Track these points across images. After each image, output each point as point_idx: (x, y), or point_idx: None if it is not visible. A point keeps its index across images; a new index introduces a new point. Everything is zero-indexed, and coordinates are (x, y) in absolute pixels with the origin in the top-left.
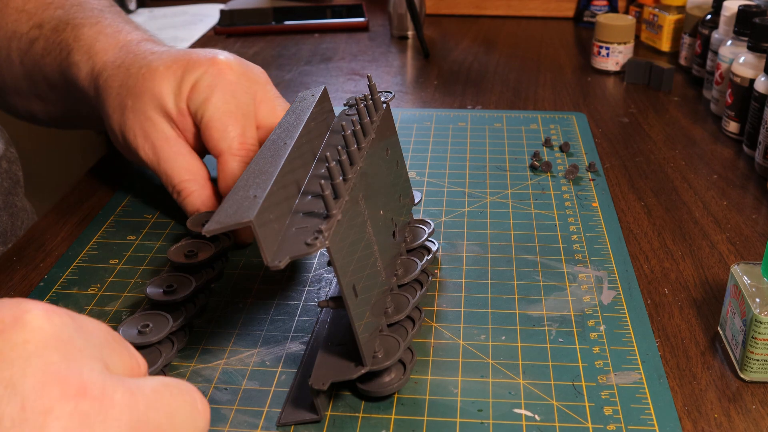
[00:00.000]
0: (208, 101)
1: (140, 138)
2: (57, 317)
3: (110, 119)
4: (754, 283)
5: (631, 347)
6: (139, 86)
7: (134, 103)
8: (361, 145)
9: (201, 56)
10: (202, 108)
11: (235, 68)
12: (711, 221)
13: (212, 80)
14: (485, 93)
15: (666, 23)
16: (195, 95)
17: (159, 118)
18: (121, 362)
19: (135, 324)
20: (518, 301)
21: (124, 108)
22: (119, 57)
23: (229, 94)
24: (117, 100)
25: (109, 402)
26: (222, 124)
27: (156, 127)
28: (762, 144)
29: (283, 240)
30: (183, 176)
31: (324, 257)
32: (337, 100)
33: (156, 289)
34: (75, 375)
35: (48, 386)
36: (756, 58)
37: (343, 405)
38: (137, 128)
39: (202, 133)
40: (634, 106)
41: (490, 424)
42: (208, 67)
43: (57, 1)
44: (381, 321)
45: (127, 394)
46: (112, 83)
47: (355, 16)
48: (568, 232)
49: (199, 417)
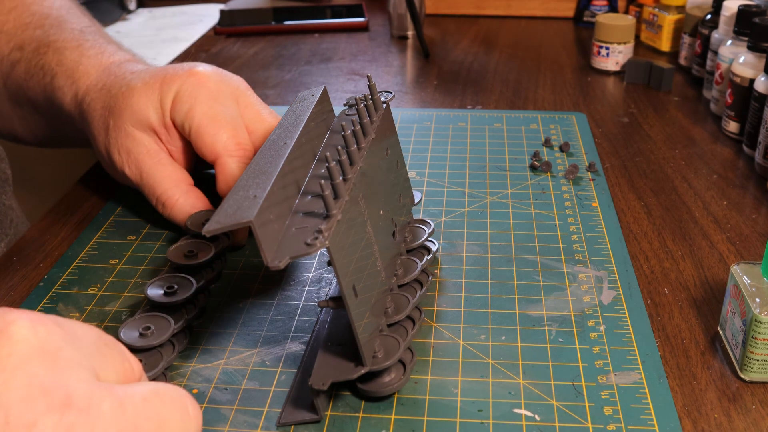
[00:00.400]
0: (193, 110)
1: (123, 155)
2: (43, 328)
3: (96, 141)
4: (754, 283)
5: (631, 347)
6: (119, 105)
7: (116, 122)
8: (361, 145)
9: (178, 69)
10: (189, 117)
11: (214, 77)
12: (711, 221)
13: (192, 90)
14: (485, 93)
15: (666, 23)
16: (178, 106)
17: (139, 134)
18: (113, 368)
19: (136, 326)
20: (518, 301)
21: (108, 128)
22: (101, 80)
23: (212, 101)
24: (101, 122)
25: (96, 413)
26: (212, 128)
27: (137, 141)
28: (762, 144)
29: (283, 240)
30: (165, 185)
31: (324, 257)
32: (337, 100)
33: (156, 291)
34: (60, 387)
35: (32, 399)
36: (756, 58)
37: (343, 405)
38: (120, 146)
39: (194, 142)
40: (634, 106)
41: (490, 424)
42: (187, 77)
43: (35, 21)
44: (381, 321)
45: (115, 403)
46: (95, 106)
47: (355, 16)
48: (568, 232)
49: (190, 423)
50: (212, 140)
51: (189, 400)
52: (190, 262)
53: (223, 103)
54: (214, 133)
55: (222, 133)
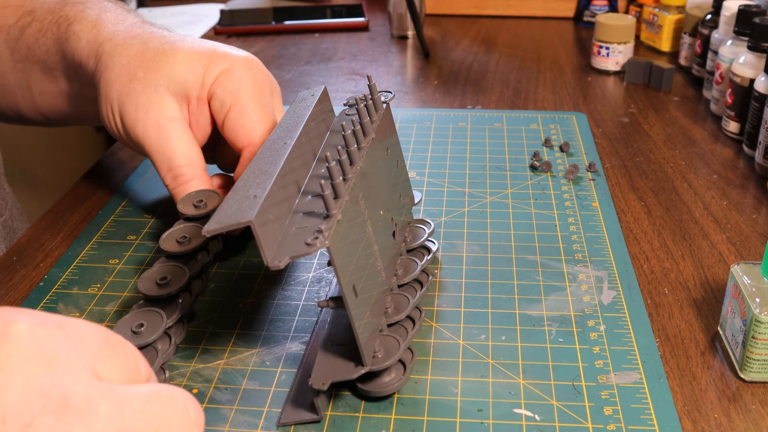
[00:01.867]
0: (240, 91)
1: (142, 112)
2: (42, 329)
3: (109, 87)
4: (754, 283)
5: (631, 347)
6: (157, 60)
7: (146, 75)
8: (361, 145)
9: (230, 49)
10: (233, 96)
11: (263, 70)
12: (711, 221)
13: (242, 72)
14: (485, 93)
15: (666, 23)
16: (225, 83)
17: (170, 97)
18: (117, 368)
19: (128, 324)
20: (518, 301)
21: (133, 78)
22: (132, 29)
23: (258, 90)
24: (125, 69)
25: (93, 414)
26: (256, 115)
27: (163, 104)
28: (762, 144)
29: (283, 240)
30: (182, 161)
31: (324, 257)
32: (337, 100)
33: (148, 284)
34: (58, 388)
35: (29, 400)
36: (756, 58)
37: (343, 405)
38: (143, 100)
39: (230, 122)
40: (634, 106)
41: (490, 424)
42: (239, 59)
43: None
44: (381, 321)
45: (113, 405)
46: (122, 51)
47: (355, 16)
48: (568, 232)
49: (192, 426)
50: (251, 126)
51: (191, 402)
52: (183, 248)
53: (266, 95)
54: (256, 120)
55: (263, 123)
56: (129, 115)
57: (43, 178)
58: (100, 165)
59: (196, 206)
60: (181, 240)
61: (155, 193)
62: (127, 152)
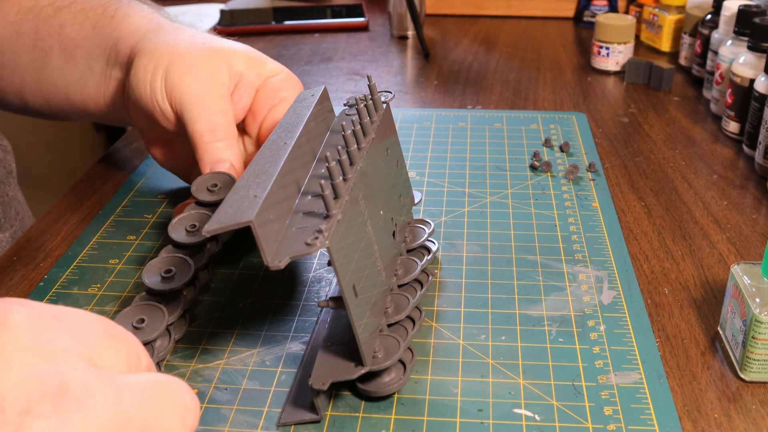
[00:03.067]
0: (287, 100)
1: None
2: (38, 319)
3: (161, 49)
4: (754, 283)
5: (631, 347)
6: (215, 45)
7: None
8: (361, 145)
9: (276, 63)
10: (277, 100)
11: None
12: (711, 221)
13: (287, 84)
14: (485, 93)
15: (666, 23)
16: (272, 85)
17: (226, 67)
18: (116, 358)
19: (129, 319)
20: (518, 301)
21: (193, 46)
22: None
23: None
24: (185, 40)
25: (91, 401)
26: None
27: (219, 67)
28: (762, 144)
29: (283, 240)
30: (221, 118)
31: (324, 257)
32: (337, 100)
33: (153, 276)
34: (55, 375)
35: (27, 387)
36: (756, 58)
37: (343, 405)
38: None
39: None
40: (634, 106)
41: (490, 424)
42: (284, 71)
43: None
44: (381, 321)
45: (111, 392)
46: (180, 31)
47: (355, 16)
48: (568, 232)
49: (188, 414)
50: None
51: (187, 391)
52: (191, 240)
53: None
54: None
55: None
56: (176, 74)
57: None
58: (100, 165)
59: (210, 190)
60: (191, 229)
61: (155, 193)
62: (128, 152)
